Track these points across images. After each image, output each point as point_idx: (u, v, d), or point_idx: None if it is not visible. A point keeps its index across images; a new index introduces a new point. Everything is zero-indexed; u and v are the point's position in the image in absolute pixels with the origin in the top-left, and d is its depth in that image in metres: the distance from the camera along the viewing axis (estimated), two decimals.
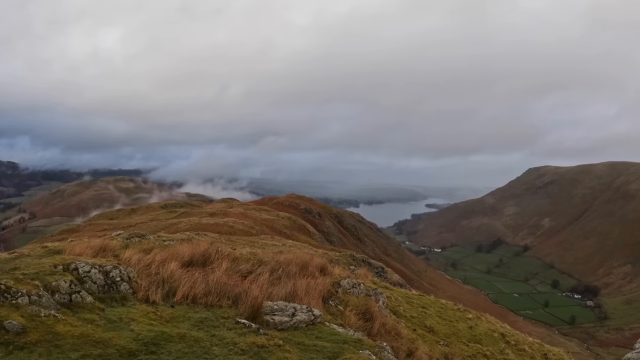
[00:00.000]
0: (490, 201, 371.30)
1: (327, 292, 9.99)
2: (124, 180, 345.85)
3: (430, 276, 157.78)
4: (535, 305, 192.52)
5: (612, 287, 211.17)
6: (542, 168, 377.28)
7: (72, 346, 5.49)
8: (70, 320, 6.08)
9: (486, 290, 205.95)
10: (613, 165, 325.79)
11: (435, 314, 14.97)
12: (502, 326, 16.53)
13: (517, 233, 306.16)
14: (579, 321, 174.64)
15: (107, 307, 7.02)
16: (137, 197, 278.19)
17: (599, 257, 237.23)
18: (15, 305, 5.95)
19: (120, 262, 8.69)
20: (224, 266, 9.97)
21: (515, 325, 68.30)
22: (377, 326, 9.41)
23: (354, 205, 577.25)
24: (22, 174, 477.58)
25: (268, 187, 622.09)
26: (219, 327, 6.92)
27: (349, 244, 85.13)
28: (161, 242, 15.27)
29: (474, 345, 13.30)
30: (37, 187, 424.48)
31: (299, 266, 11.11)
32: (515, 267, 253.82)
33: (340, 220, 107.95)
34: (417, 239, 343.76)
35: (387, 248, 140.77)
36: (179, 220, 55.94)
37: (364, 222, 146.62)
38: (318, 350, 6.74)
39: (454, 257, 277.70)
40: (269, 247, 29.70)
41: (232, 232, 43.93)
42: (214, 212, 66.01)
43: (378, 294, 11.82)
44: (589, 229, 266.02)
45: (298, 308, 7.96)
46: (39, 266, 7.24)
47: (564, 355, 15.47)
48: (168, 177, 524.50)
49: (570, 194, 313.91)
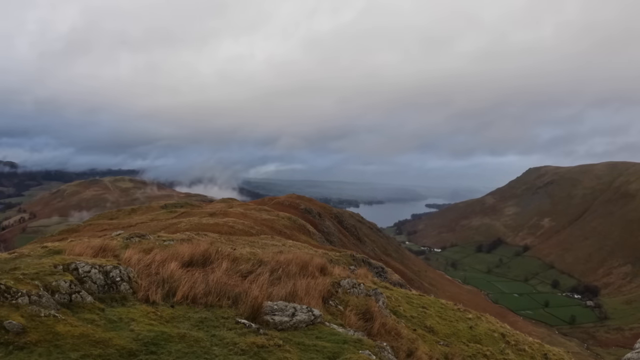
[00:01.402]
0: (490, 201, 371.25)
1: (327, 292, 9.98)
2: (124, 180, 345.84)
3: (430, 276, 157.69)
4: (535, 305, 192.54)
5: (612, 287, 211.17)
6: (542, 168, 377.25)
7: (72, 346, 5.49)
8: (70, 320, 6.08)
9: (486, 290, 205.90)
10: (613, 165, 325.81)
11: (435, 314, 14.97)
12: (502, 326, 16.53)
13: (517, 233, 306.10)
14: (579, 321, 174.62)
15: (107, 307, 7.01)
16: (136, 197, 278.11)
17: (599, 257, 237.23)
18: (15, 305, 5.94)
19: (120, 262, 8.69)
20: (224, 266, 9.97)
21: (515, 325, 68.29)
22: (377, 326, 9.41)
23: (354, 205, 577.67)
24: (21, 174, 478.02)
25: (269, 187, 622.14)
26: (219, 327, 6.92)
27: (349, 244, 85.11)
28: (161, 242, 15.27)
29: (474, 345, 13.29)
30: (37, 187, 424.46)
31: (299, 266, 11.10)
32: (515, 267, 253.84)
33: (340, 220, 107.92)
34: (417, 239, 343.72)
35: (387, 248, 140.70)
36: (179, 220, 55.92)
37: (364, 222, 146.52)
38: (318, 350, 6.74)
39: (454, 257, 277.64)
40: (269, 247, 29.70)
41: (232, 232, 43.92)
42: (214, 212, 65.99)
43: (378, 294, 11.81)
44: (589, 229, 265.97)
45: (298, 308, 7.96)
46: (39, 266, 7.23)
47: (564, 355, 15.46)
48: (168, 178, 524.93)
49: (570, 194, 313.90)
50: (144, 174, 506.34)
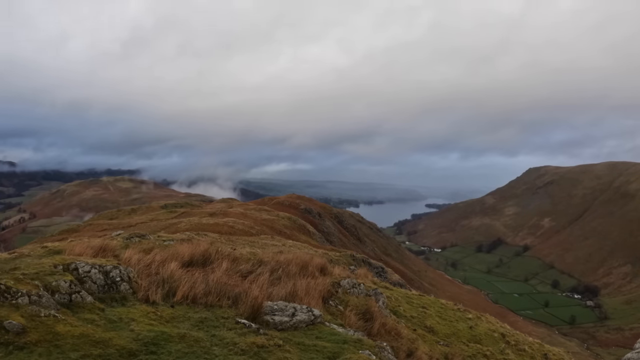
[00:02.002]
0: (490, 201, 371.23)
1: (327, 292, 9.98)
2: (124, 180, 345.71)
3: (430, 276, 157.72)
4: (535, 305, 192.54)
5: (612, 287, 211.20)
6: (542, 168, 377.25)
7: (72, 346, 5.49)
8: (70, 320, 6.08)
9: (486, 290, 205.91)
10: (613, 165, 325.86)
11: (435, 314, 14.97)
12: (502, 326, 16.53)
13: (517, 233, 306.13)
14: (579, 321, 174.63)
15: (107, 307, 7.01)
16: (136, 197, 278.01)
17: (599, 257, 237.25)
18: (15, 305, 5.94)
19: (120, 262, 8.69)
20: (224, 266, 9.97)
21: (515, 325, 68.32)
22: (377, 326, 9.41)
23: (354, 205, 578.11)
24: (21, 174, 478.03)
25: (269, 187, 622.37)
26: (219, 327, 6.92)
27: (349, 244, 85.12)
28: (161, 242, 15.27)
29: (474, 345, 13.29)
30: (37, 187, 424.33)
31: (299, 266, 11.10)
32: (515, 267, 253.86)
33: (340, 220, 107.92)
34: (417, 239, 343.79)
35: (387, 248, 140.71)
36: (179, 220, 55.92)
37: (364, 222, 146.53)
38: (318, 350, 6.74)
39: (454, 257, 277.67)
40: (269, 247, 29.69)
41: (232, 232, 43.92)
42: (213, 212, 65.99)
43: (378, 294, 11.81)
44: (589, 229, 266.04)
45: (298, 308, 7.96)
46: (39, 266, 7.23)
47: (564, 355, 15.46)
48: (168, 177, 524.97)
49: (570, 194, 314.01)
50: (142, 173, 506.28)
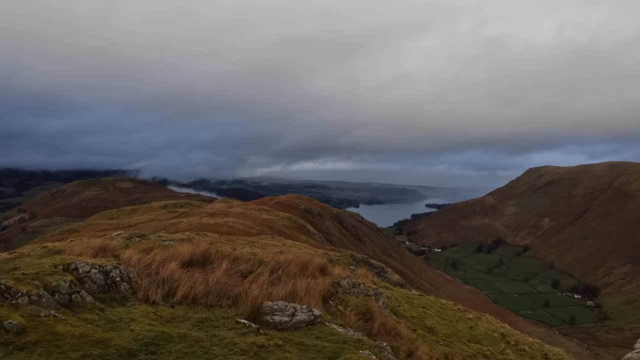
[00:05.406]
0: (490, 201, 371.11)
1: (327, 292, 9.98)
2: (124, 180, 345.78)
3: (430, 276, 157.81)
4: (535, 305, 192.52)
5: (612, 287, 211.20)
6: (542, 168, 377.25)
7: (72, 346, 5.49)
8: (70, 320, 6.08)
9: (486, 290, 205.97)
10: (613, 165, 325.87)
11: (435, 314, 14.97)
12: (502, 326, 16.53)
13: (517, 233, 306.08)
14: (579, 321, 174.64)
15: (107, 307, 7.01)
16: (136, 197, 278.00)
17: (599, 257, 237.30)
18: (15, 305, 5.94)
19: (120, 262, 8.69)
20: (224, 266, 9.97)
21: (515, 325, 68.36)
22: (377, 326, 9.41)
23: (354, 205, 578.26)
24: (21, 174, 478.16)
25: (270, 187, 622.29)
26: (219, 327, 6.92)
27: (349, 244, 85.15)
28: (161, 242, 15.27)
29: (474, 345, 13.29)
30: (37, 187, 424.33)
31: (299, 266, 11.10)
32: (515, 267, 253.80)
33: (340, 220, 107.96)
34: (417, 239, 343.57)
35: (387, 248, 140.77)
36: (179, 220, 55.93)
37: (364, 222, 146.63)
38: (318, 350, 6.74)
39: (454, 257, 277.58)
40: (269, 247, 29.70)
41: (232, 232, 43.93)
42: (214, 212, 66.01)
43: (378, 294, 11.81)
44: (589, 229, 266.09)
45: (298, 308, 7.95)
46: (39, 266, 7.23)
47: (564, 355, 15.46)
48: (168, 177, 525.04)
49: (570, 194, 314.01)
50: (140, 173, 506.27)
